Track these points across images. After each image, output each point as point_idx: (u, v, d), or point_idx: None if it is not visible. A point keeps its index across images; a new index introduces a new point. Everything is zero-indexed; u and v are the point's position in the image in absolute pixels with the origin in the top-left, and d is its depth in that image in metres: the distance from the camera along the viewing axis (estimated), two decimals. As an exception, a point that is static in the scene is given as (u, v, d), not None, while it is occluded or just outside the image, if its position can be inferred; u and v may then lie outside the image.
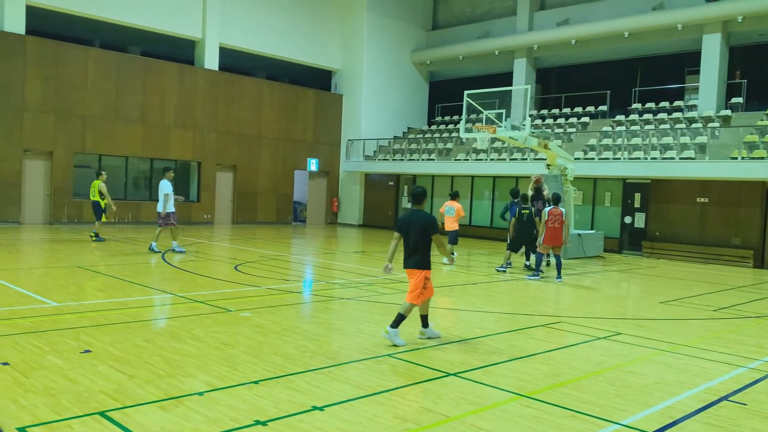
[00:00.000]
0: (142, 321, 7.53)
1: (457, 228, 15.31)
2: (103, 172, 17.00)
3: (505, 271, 14.01)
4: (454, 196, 15.62)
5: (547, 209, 13.20)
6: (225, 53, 25.35)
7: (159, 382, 5.20)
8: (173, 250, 14.69)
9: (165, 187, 14.60)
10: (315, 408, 4.77)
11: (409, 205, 27.55)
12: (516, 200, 14.99)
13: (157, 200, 14.95)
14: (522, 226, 13.98)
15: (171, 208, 14.73)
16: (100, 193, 16.35)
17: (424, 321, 7.26)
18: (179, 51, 25.44)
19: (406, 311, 6.94)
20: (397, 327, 6.86)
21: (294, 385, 5.32)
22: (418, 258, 6.97)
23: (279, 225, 26.60)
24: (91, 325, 7.12)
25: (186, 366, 5.72)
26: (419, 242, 6.96)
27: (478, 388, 5.49)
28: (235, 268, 12.71)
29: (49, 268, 11.91)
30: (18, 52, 19.94)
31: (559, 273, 12.85)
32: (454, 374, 5.86)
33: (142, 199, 23.35)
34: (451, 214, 15.17)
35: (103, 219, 16.74)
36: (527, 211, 14.00)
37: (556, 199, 13.29)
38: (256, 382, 5.33)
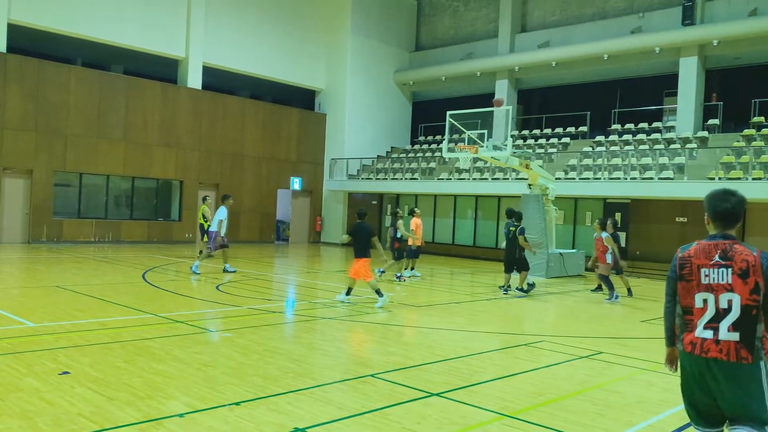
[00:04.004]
0: (122, 342, 7.43)
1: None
2: (208, 198, 18.59)
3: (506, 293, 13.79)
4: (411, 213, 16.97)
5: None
6: (208, 72, 25.37)
7: (139, 404, 5.13)
8: (225, 270, 15.23)
9: (221, 212, 15.39)
10: (297, 429, 4.73)
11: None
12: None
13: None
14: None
15: (222, 232, 15.55)
16: (204, 217, 17.82)
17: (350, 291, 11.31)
18: (162, 70, 25.42)
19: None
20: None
21: (276, 406, 5.27)
22: (366, 252, 11.04)
23: (262, 244, 26.47)
24: (69, 346, 7.01)
25: (166, 387, 5.65)
26: (367, 242, 10.99)
27: (462, 408, 5.48)
28: (217, 287, 12.61)
29: (28, 288, 11.73)
30: (-1, 70, 19.82)
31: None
32: (437, 394, 5.85)
33: (123, 218, 23.15)
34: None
35: (205, 239, 17.77)
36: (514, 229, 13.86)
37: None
38: (237, 404, 5.27)
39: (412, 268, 16.65)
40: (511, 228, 13.82)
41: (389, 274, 15.76)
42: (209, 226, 17.36)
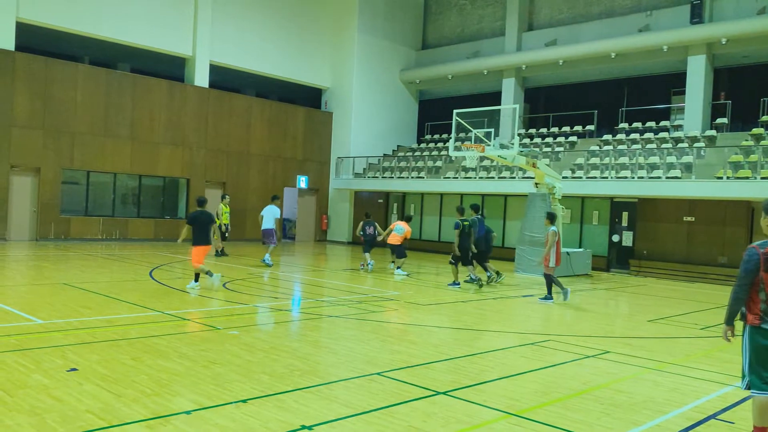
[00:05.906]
0: (129, 339, 7.47)
1: (400, 243, 16.50)
2: (227, 197, 19.69)
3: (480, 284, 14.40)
4: (408, 219, 16.97)
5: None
6: (215, 70, 25.42)
7: (146, 401, 5.15)
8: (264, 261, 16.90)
9: (276, 211, 17.13)
10: (304, 427, 4.74)
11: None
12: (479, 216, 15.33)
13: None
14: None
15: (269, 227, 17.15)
16: (217, 215, 18.34)
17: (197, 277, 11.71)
18: (169, 68, 25.48)
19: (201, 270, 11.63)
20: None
21: (283, 404, 5.29)
22: (208, 239, 11.58)
23: (268, 242, 26.47)
24: (77, 343, 7.05)
25: (173, 384, 5.67)
26: (208, 230, 11.48)
27: (467, 407, 5.48)
28: (224, 285, 12.64)
29: (35, 285, 11.80)
30: (7, 68, 19.89)
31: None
32: (444, 393, 5.85)
33: (130, 216, 23.23)
34: (399, 232, 16.47)
35: (216, 236, 19.01)
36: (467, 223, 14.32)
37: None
38: (244, 401, 5.29)
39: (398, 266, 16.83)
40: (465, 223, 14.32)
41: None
42: (221, 224, 18.64)
